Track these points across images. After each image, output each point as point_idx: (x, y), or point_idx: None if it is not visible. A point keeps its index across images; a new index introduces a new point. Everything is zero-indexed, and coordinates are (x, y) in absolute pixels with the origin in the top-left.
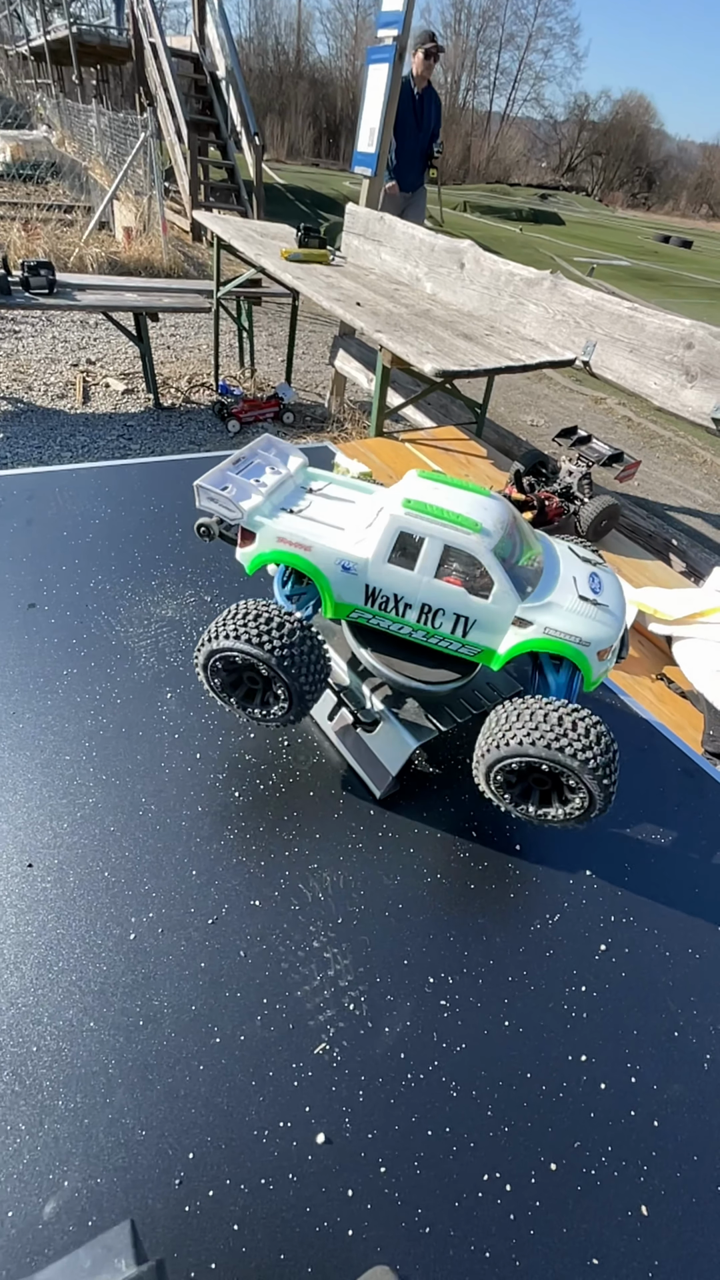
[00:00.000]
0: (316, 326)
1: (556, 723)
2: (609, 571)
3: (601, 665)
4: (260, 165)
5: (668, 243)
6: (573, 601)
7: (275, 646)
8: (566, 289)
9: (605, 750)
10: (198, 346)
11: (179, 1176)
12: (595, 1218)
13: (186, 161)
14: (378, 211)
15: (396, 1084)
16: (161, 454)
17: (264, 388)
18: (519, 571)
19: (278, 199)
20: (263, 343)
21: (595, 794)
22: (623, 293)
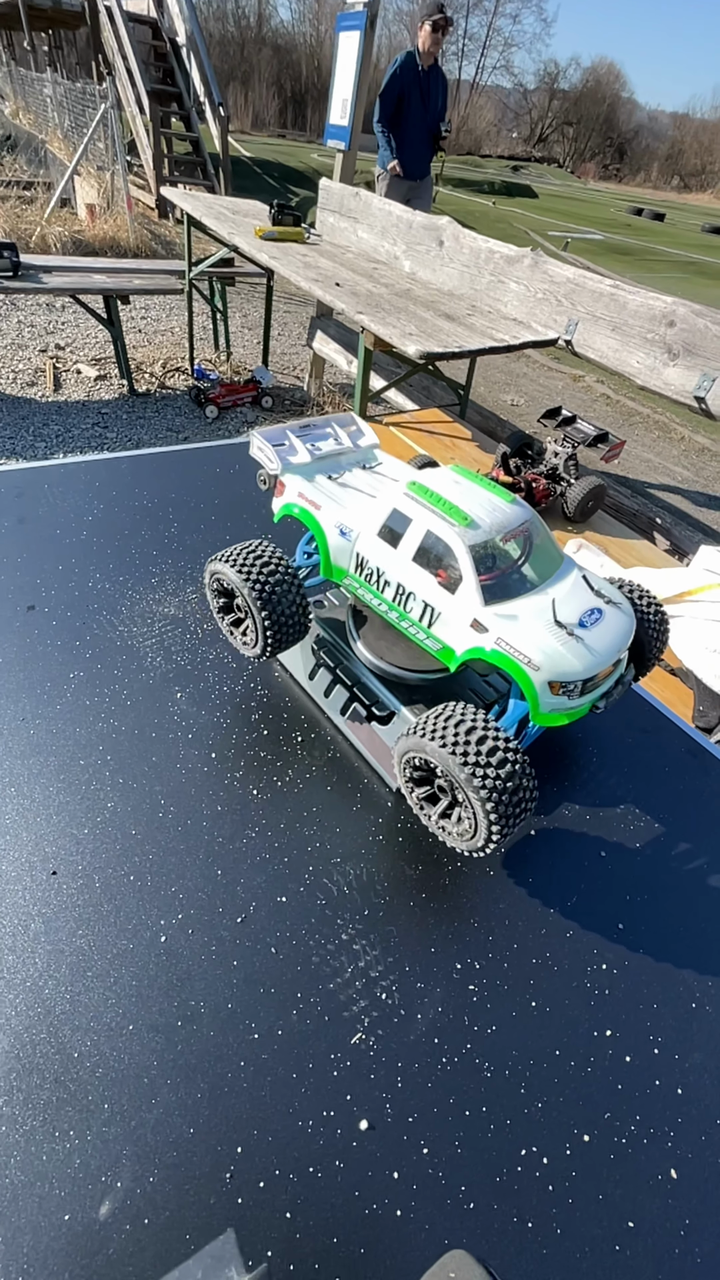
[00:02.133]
0: (291, 306)
1: (466, 731)
2: (621, 615)
3: (553, 700)
4: (226, 137)
5: (640, 215)
6: (542, 623)
7: (254, 577)
8: (547, 266)
9: (503, 777)
10: (170, 329)
11: (229, 1170)
12: (629, 1183)
13: (149, 134)
14: (353, 187)
15: (432, 1068)
16: (139, 442)
17: (241, 371)
18: (505, 579)
19: (245, 173)
20: (237, 324)
21: (479, 819)
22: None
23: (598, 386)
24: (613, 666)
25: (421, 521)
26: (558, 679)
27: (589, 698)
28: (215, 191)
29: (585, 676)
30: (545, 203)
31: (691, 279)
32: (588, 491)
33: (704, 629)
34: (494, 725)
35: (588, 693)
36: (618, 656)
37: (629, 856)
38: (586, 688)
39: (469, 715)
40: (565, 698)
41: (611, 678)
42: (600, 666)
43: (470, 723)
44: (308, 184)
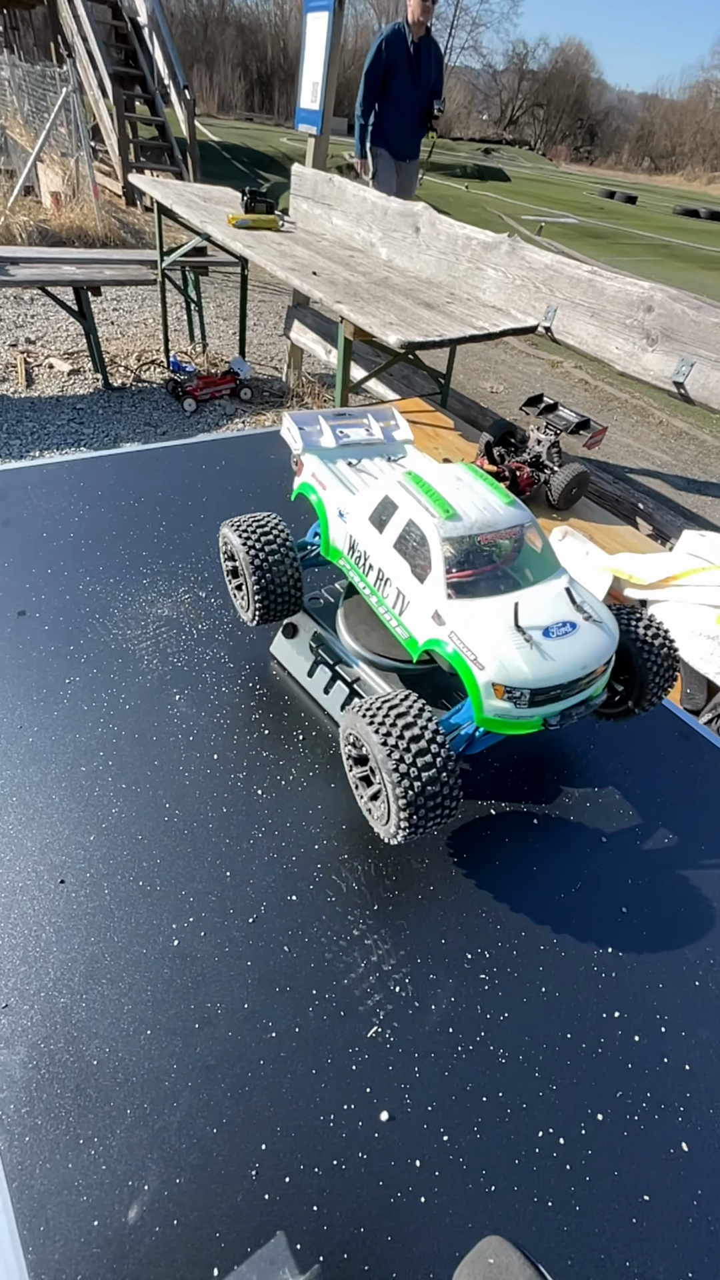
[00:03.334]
0: (266, 296)
1: (398, 716)
2: (599, 633)
3: (498, 704)
4: (193, 121)
5: (613, 198)
6: (501, 625)
7: (251, 544)
8: (525, 253)
9: (419, 768)
10: (144, 321)
11: (254, 1167)
12: (642, 1159)
13: (113, 118)
14: (326, 174)
15: (448, 1057)
16: (117, 437)
17: (217, 363)
18: (482, 578)
19: (213, 158)
20: (212, 315)
21: (390, 805)
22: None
23: (576, 372)
24: (579, 684)
25: (406, 510)
26: (503, 682)
27: (542, 710)
28: (184, 178)
29: (533, 685)
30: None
31: (664, 262)
32: (571, 479)
33: (689, 613)
34: (429, 720)
35: (540, 704)
36: (581, 674)
37: (628, 841)
38: (538, 699)
39: (408, 704)
40: (511, 704)
41: (576, 697)
42: (555, 679)
43: (405, 711)
44: (278, 169)
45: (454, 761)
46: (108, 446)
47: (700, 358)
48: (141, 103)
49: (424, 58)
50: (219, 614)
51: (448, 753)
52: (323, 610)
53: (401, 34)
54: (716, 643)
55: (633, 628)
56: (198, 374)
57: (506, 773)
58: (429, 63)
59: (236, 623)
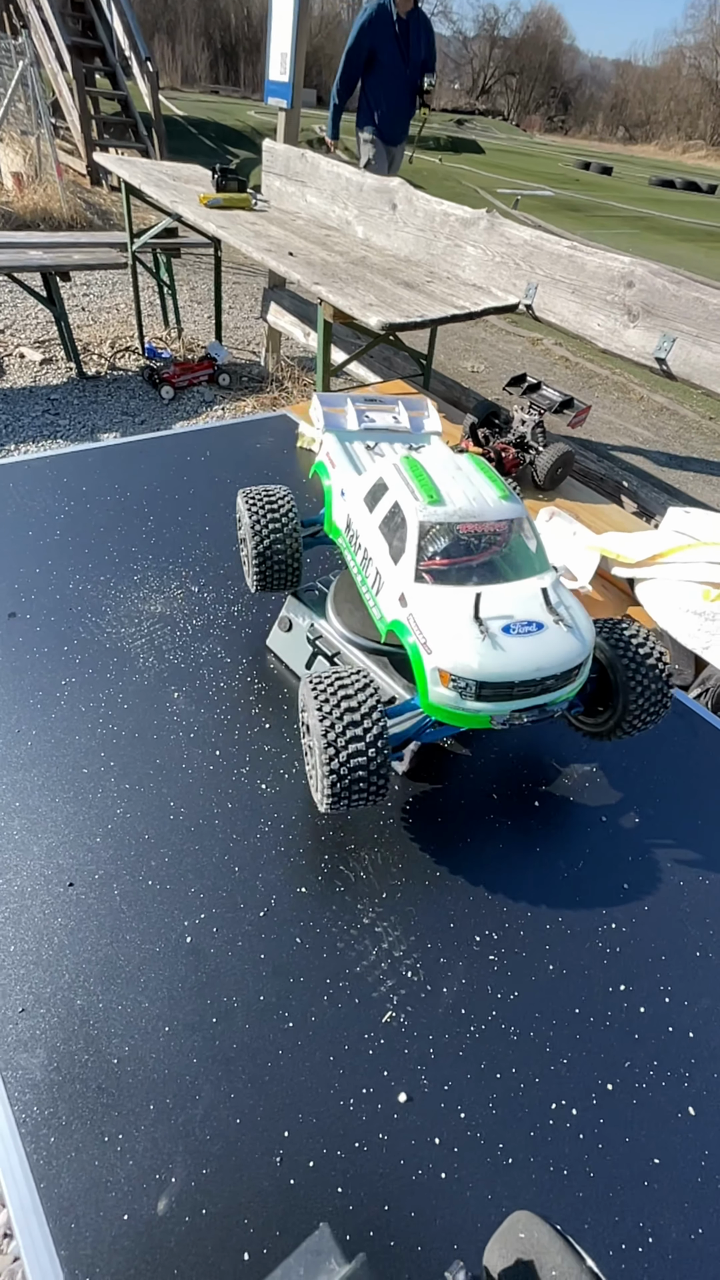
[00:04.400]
0: (240, 277)
1: (340, 689)
2: (567, 638)
3: (442, 692)
4: (156, 95)
5: (588, 169)
6: (460, 614)
7: (256, 513)
8: (504, 229)
9: (344, 742)
10: (115, 306)
11: (279, 1154)
12: (651, 1124)
13: (73, 93)
14: (298, 149)
15: (462, 1037)
16: (94, 428)
17: (194, 348)
18: (458, 568)
19: (180, 133)
20: (185, 298)
21: (318, 774)
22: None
23: (556, 349)
24: (533, 686)
25: (394, 492)
26: (449, 670)
27: (490, 706)
28: (150, 155)
29: (479, 678)
30: (492, 158)
31: (642, 234)
32: (556, 459)
33: (676, 589)
34: (371, 699)
35: (488, 699)
36: (535, 676)
37: (628, 819)
38: (485, 693)
39: (355, 681)
40: (457, 694)
41: (530, 699)
42: (502, 675)
43: (348, 685)
44: (247, 144)
45: (384, 741)
46: (85, 438)
47: (682, 333)
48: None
49: (413, 33)
50: (213, 609)
51: (380, 731)
52: (318, 601)
53: (386, 11)
54: (703, 618)
55: (620, 645)
56: (174, 360)
57: (506, 757)
58: (418, 37)
59: (231, 617)
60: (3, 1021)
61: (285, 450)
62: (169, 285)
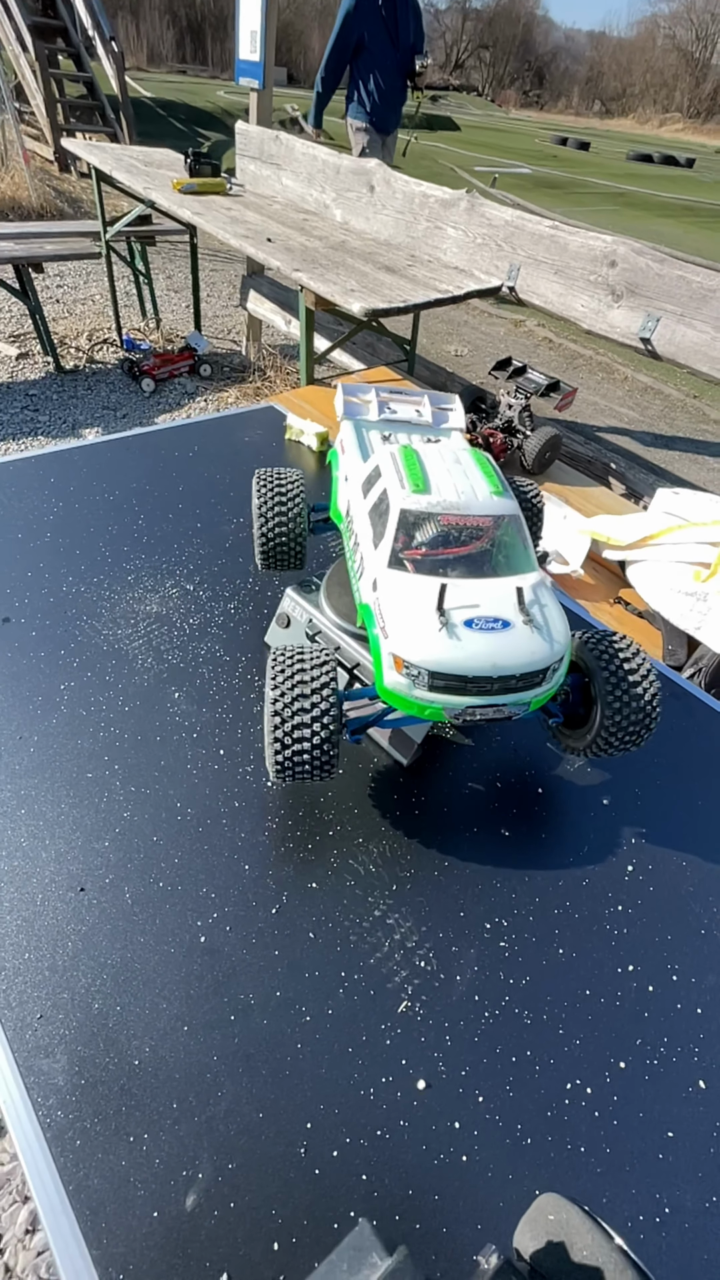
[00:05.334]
0: (217, 264)
1: (296, 663)
2: (534, 640)
3: (395, 678)
4: (123, 76)
5: (565, 145)
6: (423, 603)
7: (263, 492)
8: (485, 209)
9: (288, 715)
10: (91, 297)
11: (303, 1146)
12: (664, 1099)
13: (37, 76)
14: (272, 131)
15: (476, 1023)
16: (75, 423)
17: (173, 339)
18: (438, 559)
19: (148, 116)
20: (162, 287)
21: (265, 740)
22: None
23: (539, 331)
24: (490, 685)
25: (385, 479)
26: (402, 656)
27: (443, 699)
28: (119, 140)
29: (430, 667)
30: (468, 135)
31: (621, 211)
32: (544, 442)
33: (668, 570)
34: (324, 676)
35: (440, 691)
36: (490, 673)
37: (630, 802)
38: (437, 684)
39: (314, 657)
40: (409, 682)
41: (486, 698)
42: (456, 668)
43: (304, 659)
44: (218, 126)
45: (331, 719)
46: (67, 434)
47: (666, 312)
48: (66, 57)
49: (400, 14)
50: (209, 607)
51: (329, 709)
52: (317, 594)
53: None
54: (695, 599)
55: (605, 657)
56: (154, 352)
57: (509, 745)
58: (406, 19)
59: (229, 615)
60: (22, 1028)
61: (274, 443)
62: (145, 274)
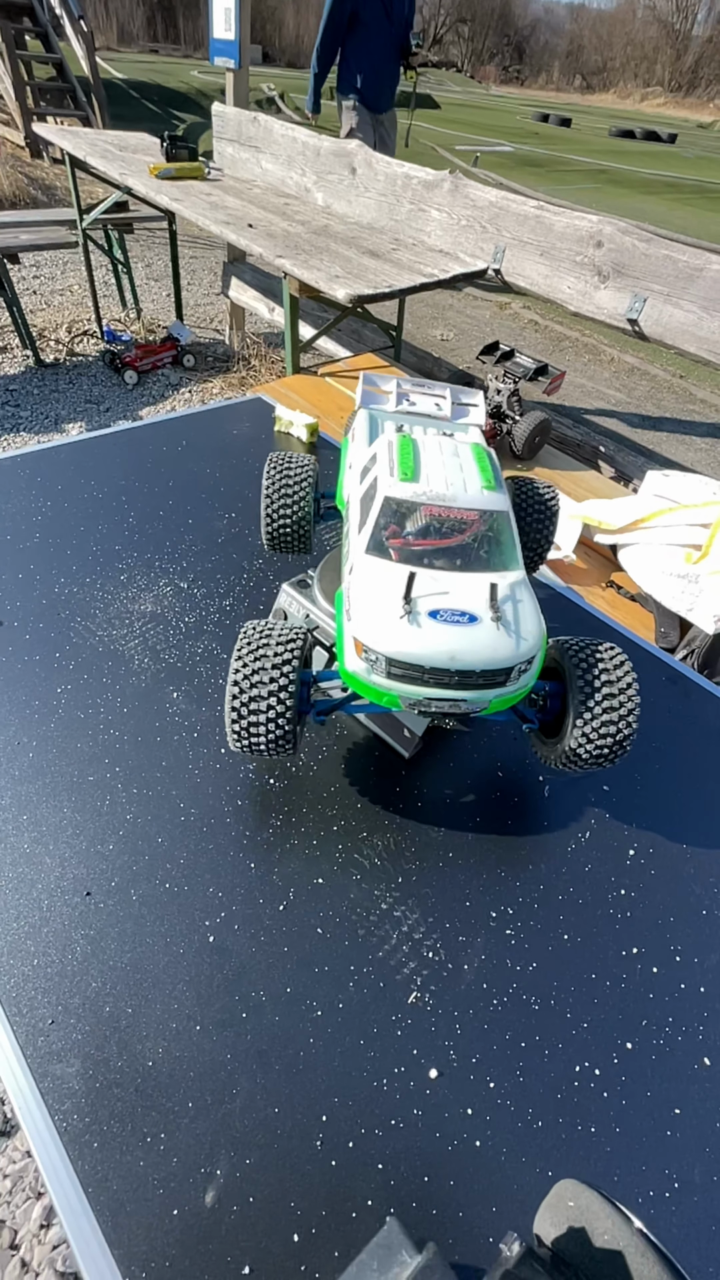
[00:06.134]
0: (197, 250)
1: (263, 635)
2: (498, 636)
3: (355, 661)
4: (93, 57)
5: (546, 122)
6: (390, 590)
7: (272, 475)
8: (468, 190)
9: (246, 687)
10: (69, 288)
11: (319, 1138)
12: (670, 1077)
13: (4, 58)
14: (250, 112)
15: (485, 1011)
16: (58, 418)
17: (155, 329)
18: (412, 546)
19: (121, 98)
20: (141, 276)
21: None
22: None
23: (525, 313)
24: (448, 678)
25: (378, 466)
26: (361, 640)
27: (400, 687)
28: (91, 123)
29: (388, 654)
30: (448, 113)
31: (604, 189)
32: (534, 427)
33: (659, 553)
34: (288, 651)
35: (398, 679)
36: (447, 665)
37: (630, 787)
38: (395, 671)
39: (283, 633)
40: (367, 666)
41: (443, 692)
42: (412, 657)
43: (270, 633)
44: (193, 108)
45: (288, 695)
46: (49, 429)
47: (653, 293)
48: (33, 38)
49: None
50: (204, 605)
51: (286, 684)
52: (312, 591)
53: None
54: (686, 581)
55: (584, 664)
56: (135, 343)
57: (508, 734)
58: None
59: (224, 612)
60: (34, 1034)
61: (263, 435)
62: (123, 263)
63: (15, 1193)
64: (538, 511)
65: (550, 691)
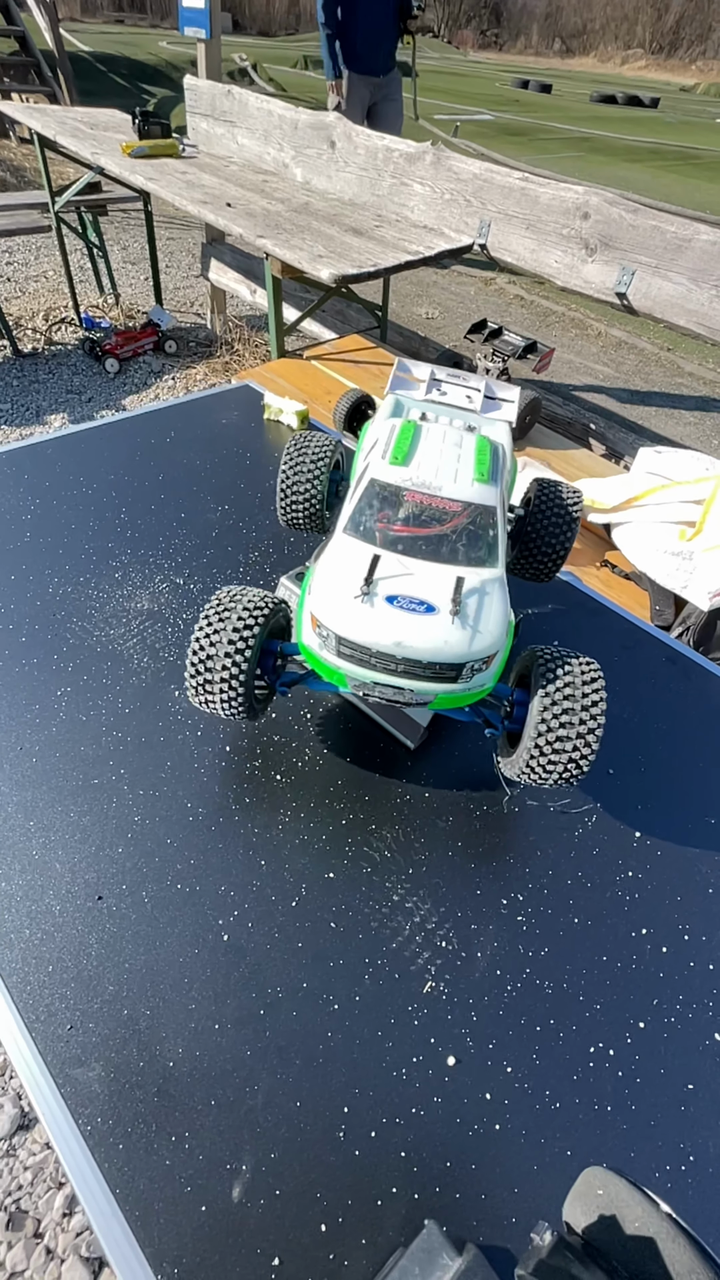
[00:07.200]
0: (174, 231)
1: (232, 599)
2: (452, 631)
3: (310, 634)
4: (57, 29)
5: (526, 88)
6: (353, 570)
7: (291, 451)
8: (451, 163)
9: (204, 644)
10: (44, 274)
11: (341, 1130)
12: (682, 1054)
13: None
14: (223, 85)
15: (500, 997)
16: (39, 410)
17: (134, 315)
18: (389, 531)
19: (88, 72)
20: (118, 259)
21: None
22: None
23: (510, 288)
24: (395, 665)
25: (376, 449)
26: (317, 616)
27: (348, 667)
28: (59, 100)
29: (338, 632)
30: (426, 80)
31: (587, 157)
32: (525, 406)
33: (653, 531)
34: (251, 618)
35: (346, 659)
36: (393, 651)
37: (634, 770)
38: (344, 651)
39: (252, 600)
40: (320, 642)
41: (388, 678)
42: (360, 639)
43: (239, 597)
44: (163, 81)
45: (244, 658)
46: (31, 422)
47: (641, 265)
48: None
49: None
50: (201, 601)
51: (244, 648)
52: None
53: None
54: (680, 558)
55: (549, 674)
56: (115, 329)
57: None
58: None
59: None
60: (53, 1040)
61: (252, 423)
62: (98, 246)
63: (36, 1184)
64: (557, 516)
65: (518, 700)
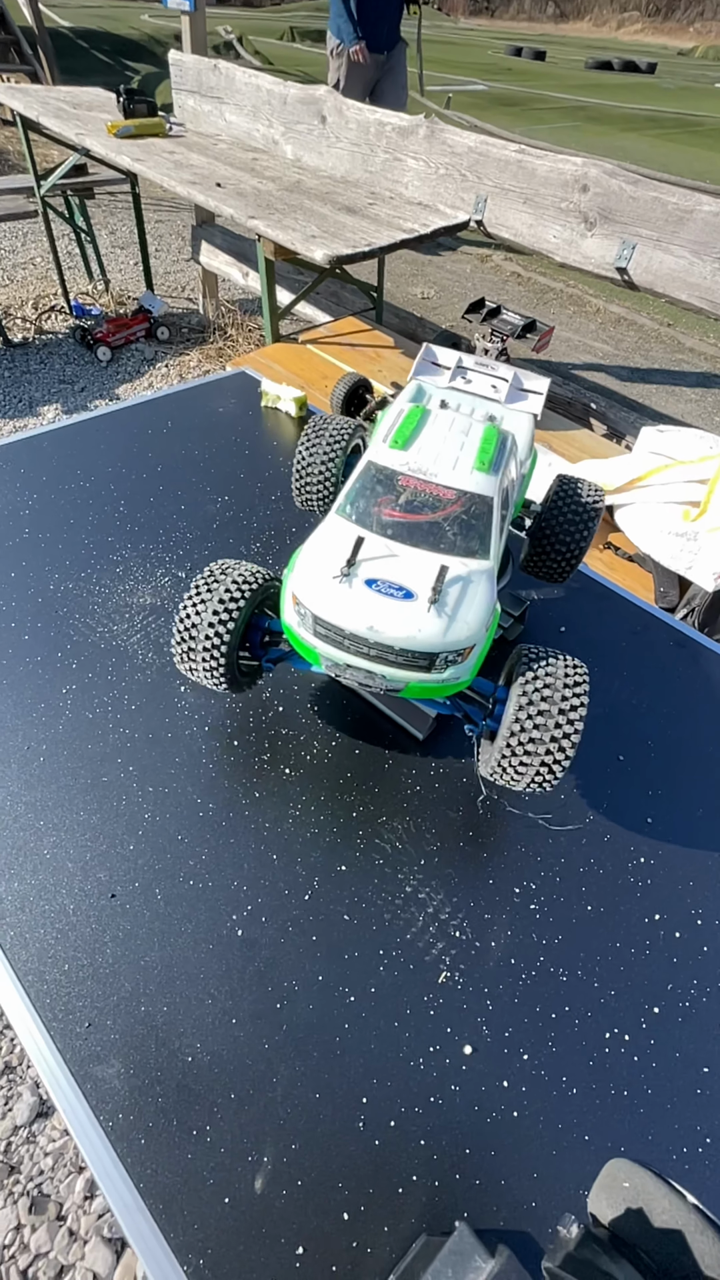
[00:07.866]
0: (163, 214)
1: (221, 573)
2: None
3: (290, 612)
4: (37, 4)
5: (519, 56)
6: (337, 551)
7: (309, 431)
8: (445, 136)
9: (195, 611)
10: (31, 261)
11: (360, 1119)
12: (697, 1037)
13: None
14: (209, 59)
15: (515, 985)
16: (31, 401)
17: (125, 301)
18: (382, 515)
19: (69, 49)
20: (106, 244)
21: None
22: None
23: (506, 265)
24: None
25: (379, 431)
26: (296, 594)
27: (323, 647)
28: (40, 79)
29: (314, 611)
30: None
31: (583, 127)
32: None
33: (657, 512)
34: (239, 590)
35: (322, 639)
36: (364, 633)
37: (644, 755)
38: (320, 631)
39: (243, 574)
40: (299, 620)
41: (360, 660)
42: (333, 620)
43: (228, 570)
44: (147, 56)
45: (226, 629)
46: (24, 414)
47: (642, 238)
48: None
49: None
50: None
51: (228, 618)
52: None
53: None
54: (684, 539)
55: (529, 675)
56: (106, 317)
57: None
58: None
59: None
60: (71, 1039)
61: (250, 411)
62: (86, 231)
63: (57, 1169)
64: (573, 513)
65: (500, 697)
